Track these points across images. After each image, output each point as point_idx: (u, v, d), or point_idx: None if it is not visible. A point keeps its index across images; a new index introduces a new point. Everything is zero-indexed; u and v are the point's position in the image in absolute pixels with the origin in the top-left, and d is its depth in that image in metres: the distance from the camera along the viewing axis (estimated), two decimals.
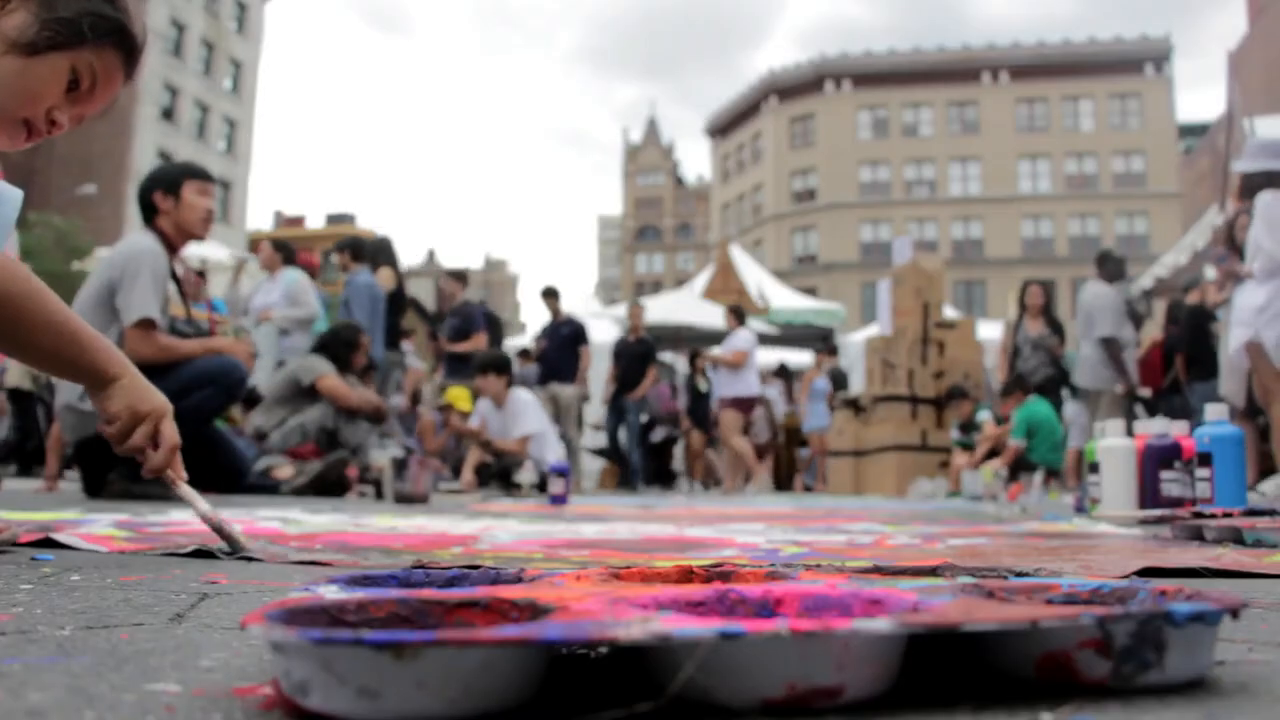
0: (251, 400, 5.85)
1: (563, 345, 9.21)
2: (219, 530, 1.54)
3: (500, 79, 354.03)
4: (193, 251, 11.94)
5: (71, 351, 1.42)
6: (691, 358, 11.27)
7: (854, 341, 14.50)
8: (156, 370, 3.40)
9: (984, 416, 8.84)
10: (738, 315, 10.04)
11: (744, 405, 9.66)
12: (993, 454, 8.24)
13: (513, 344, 13.86)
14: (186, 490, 1.52)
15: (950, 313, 11.38)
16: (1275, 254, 4.77)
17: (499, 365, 7.09)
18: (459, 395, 8.38)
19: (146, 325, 4.00)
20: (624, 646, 0.54)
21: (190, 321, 7.97)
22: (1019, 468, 7.71)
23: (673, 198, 75.42)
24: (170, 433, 1.50)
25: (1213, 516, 2.08)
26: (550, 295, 9.52)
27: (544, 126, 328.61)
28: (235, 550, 1.54)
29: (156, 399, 1.50)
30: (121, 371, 1.47)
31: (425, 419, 9.55)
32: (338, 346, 6.06)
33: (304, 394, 5.77)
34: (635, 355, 9.82)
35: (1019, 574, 0.87)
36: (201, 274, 8.79)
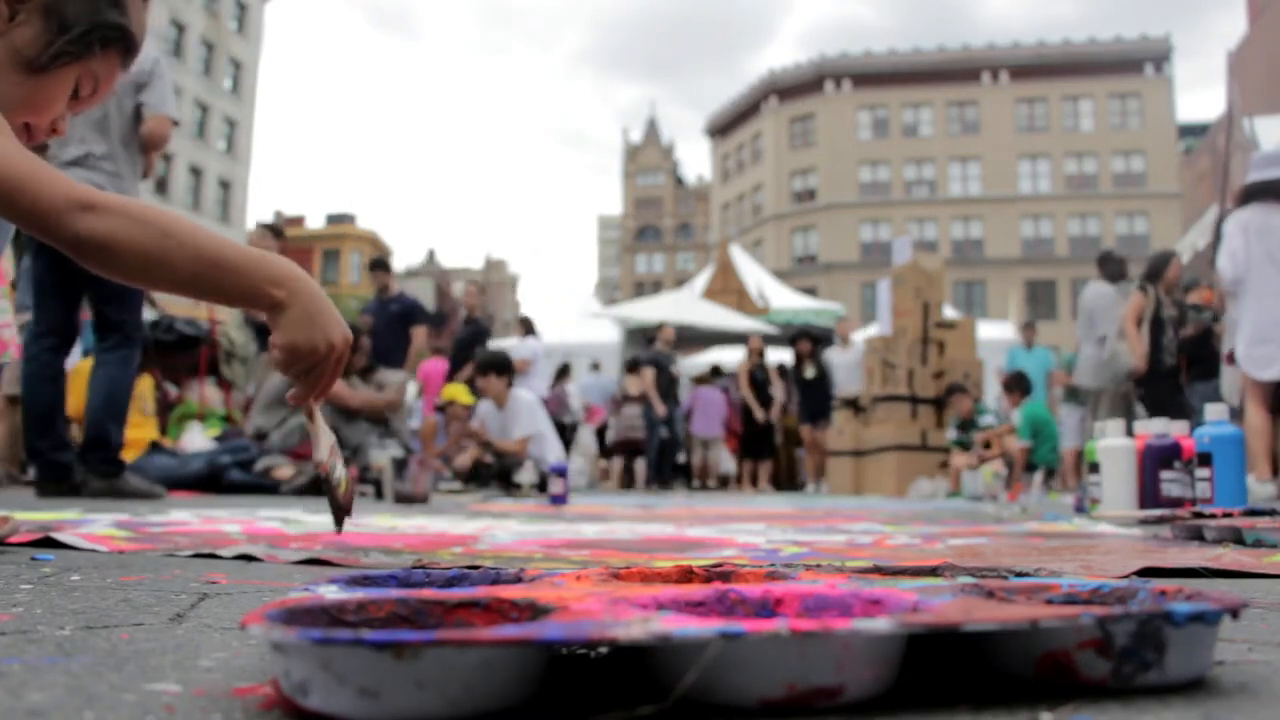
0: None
1: (391, 324, 8.09)
2: (329, 487, 1.29)
3: (502, 79, 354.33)
4: None
5: (229, 280, 1.20)
6: (792, 340, 11.02)
7: (854, 341, 14.49)
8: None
9: (988, 420, 8.83)
10: (526, 326, 10.01)
11: None
12: (986, 446, 8.24)
13: (512, 345, 13.85)
14: (319, 427, 1.27)
15: (950, 313, 11.38)
16: (1224, 272, 5.03)
17: (499, 365, 7.09)
18: (458, 391, 8.37)
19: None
20: (624, 646, 0.54)
21: (191, 321, 7.96)
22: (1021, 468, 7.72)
23: (673, 198, 75.43)
24: (330, 373, 1.24)
25: (1213, 516, 2.08)
26: (378, 267, 8.61)
27: (545, 127, 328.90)
28: (338, 525, 1.30)
29: (320, 335, 1.22)
30: (287, 298, 1.21)
31: (428, 421, 9.54)
32: None
33: None
34: (464, 338, 9.37)
35: (1019, 574, 0.87)
36: None
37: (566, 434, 12.02)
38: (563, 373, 12.76)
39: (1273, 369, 4.85)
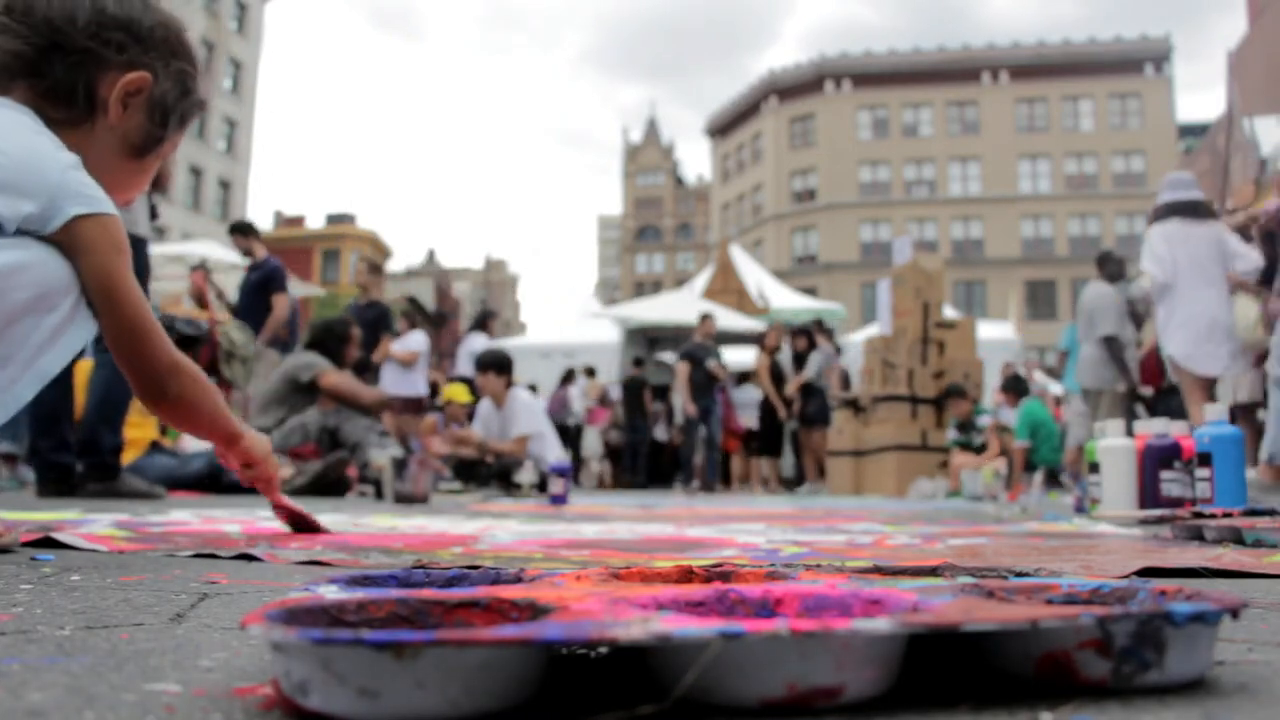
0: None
1: (252, 292, 7.78)
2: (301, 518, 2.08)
3: (503, 80, 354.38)
4: (193, 250, 11.99)
5: (228, 423, 1.69)
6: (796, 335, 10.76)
7: (854, 341, 14.50)
8: None
9: (986, 421, 8.83)
10: (409, 319, 9.78)
11: (413, 406, 9.15)
12: (982, 449, 8.25)
13: (512, 344, 13.88)
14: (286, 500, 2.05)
15: (950, 313, 11.38)
16: (1155, 276, 5.47)
17: (499, 364, 7.08)
18: (457, 391, 8.37)
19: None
20: (624, 646, 0.54)
21: (191, 322, 7.98)
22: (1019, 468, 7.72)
23: (673, 198, 75.42)
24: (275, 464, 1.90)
25: (1213, 516, 2.08)
26: (240, 231, 8.16)
27: (546, 127, 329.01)
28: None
29: (266, 444, 1.85)
30: (243, 430, 1.77)
31: (427, 419, 9.54)
32: (330, 341, 6.03)
33: (301, 391, 5.76)
34: (367, 322, 8.98)
35: (1019, 574, 0.87)
36: (204, 271, 8.80)
37: (570, 436, 12.05)
38: (567, 377, 12.77)
39: (1217, 365, 5.31)
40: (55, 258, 1.33)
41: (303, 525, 2.08)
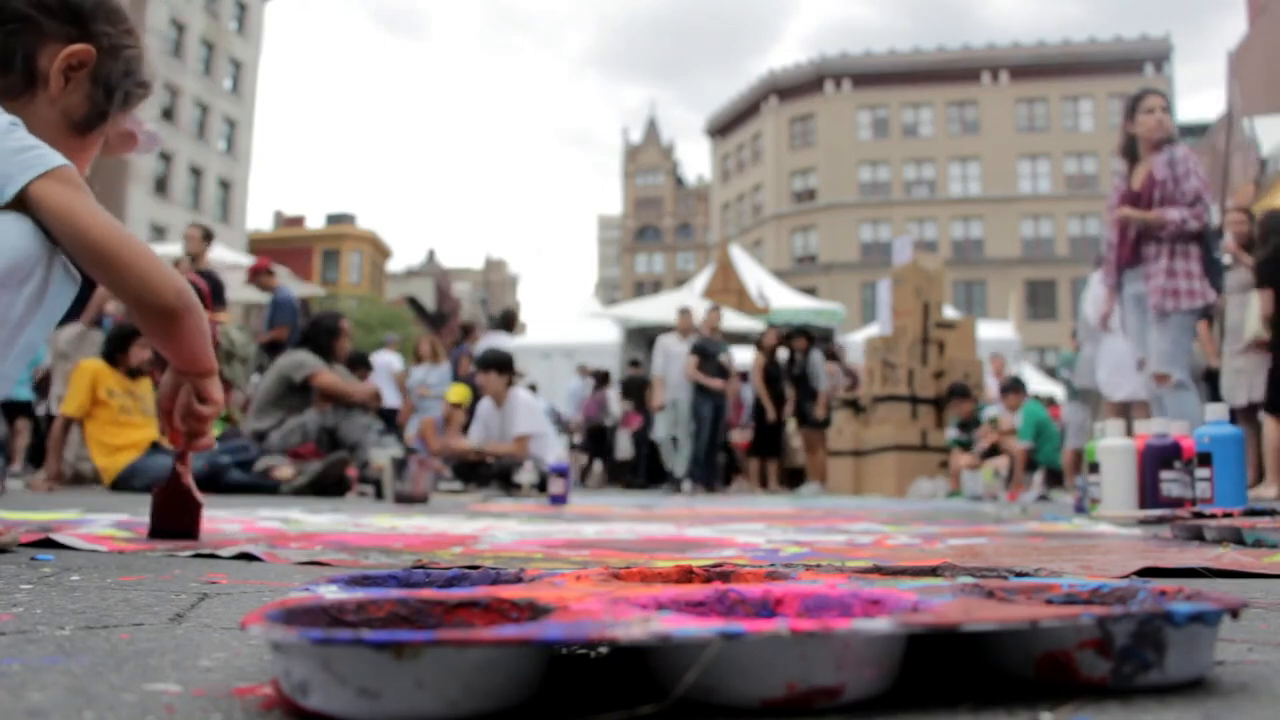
0: None
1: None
2: None
3: (505, 80, 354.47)
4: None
5: (210, 355, 1.61)
6: (787, 338, 10.64)
7: (854, 341, 14.50)
8: None
9: (992, 413, 8.81)
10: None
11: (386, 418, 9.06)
12: (993, 452, 8.24)
13: (512, 344, 13.87)
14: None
15: (950, 313, 11.37)
16: (1088, 319, 6.41)
17: (500, 363, 7.07)
18: (458, 393, 8.37)
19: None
20: (624, 646, 0.54)
21: None
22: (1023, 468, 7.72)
23: (673, 198, 75.40)
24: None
25: (1213, 516, 2.08)
26: (206, 236, 8.12)
27: (547, 127, 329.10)
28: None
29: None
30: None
31: (427, 418, 9.54)
32: (320, 336, 5.99)
33: (296, 391, 5.75)
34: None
35: (1019, 574, 0.87)
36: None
37: (608, 437, 12.10)
38: (603, 379, 12.77)
39: (1123, 392, 6.16)
40: (15, 224, 1.29)
41: (176, 515, 1.80)
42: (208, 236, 8.19)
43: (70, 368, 6.13)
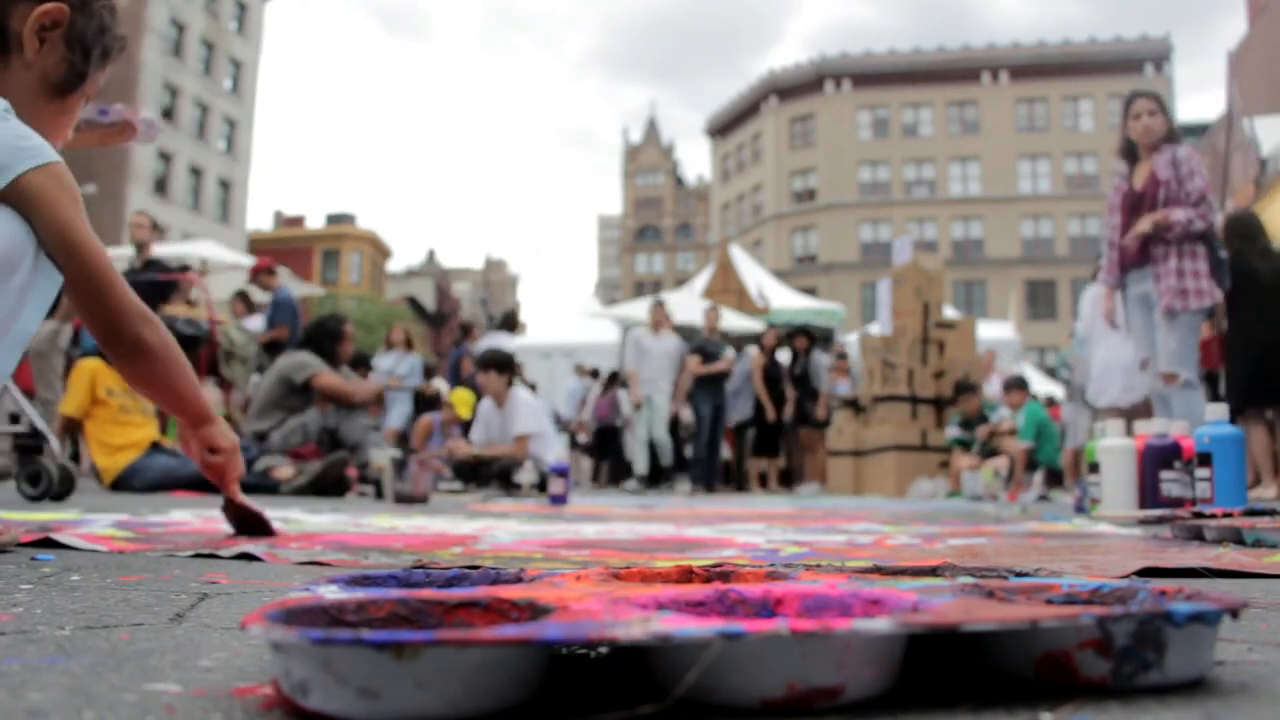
0: None
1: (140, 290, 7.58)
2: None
3: (506, 80, 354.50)
4: (192, 251, 11.98)
5: (198, 399, 1.66)
6: (788, 337, 10.62)
7: (854, 341, 14.50)
8: None
9: (999, 415, 8.81)
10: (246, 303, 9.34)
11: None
12: (992, 452, 8.24)
13: (512, 344, 13.86)
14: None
15: (950, 313, 11.37)
16: (1077, 330, 6.46)
17: (500, 363, 7.07)
18: (461, 399, 8.37)
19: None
20: (624, 646, 0.54)
21: (191, 321, 7.98)
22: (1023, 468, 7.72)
23: (673, 198, 75.39)
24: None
25: (1213, 516, 2.08)
26: (155, 225, 7.76)
27: (548, 127, 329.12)
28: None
29: (235, 439, 1.82)
30: (214, 415, 1.76)
31: (422, 421, 9.55)
32: (322, 338, 5.99)
33: (297, 392, 5.75)
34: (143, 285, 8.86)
35: (1019, 574, 0.87)
36: (200, 272, 8.81)
37: (619, 437, 12.11)
38: (613, 379, 12.78)
39: (1104, 399, 6.33)
40: (4, 217, 1.28)
41: (252, 526, 1.98)
42: (155, 226, 8.10)
43: (45, 366, 6.14)
